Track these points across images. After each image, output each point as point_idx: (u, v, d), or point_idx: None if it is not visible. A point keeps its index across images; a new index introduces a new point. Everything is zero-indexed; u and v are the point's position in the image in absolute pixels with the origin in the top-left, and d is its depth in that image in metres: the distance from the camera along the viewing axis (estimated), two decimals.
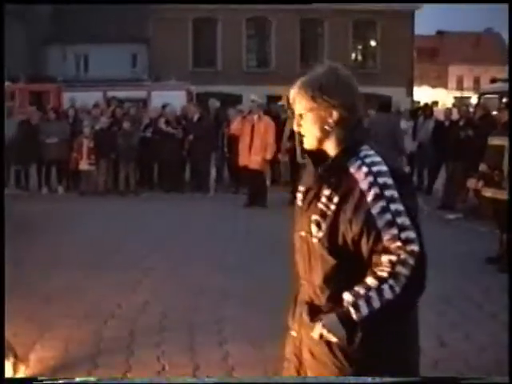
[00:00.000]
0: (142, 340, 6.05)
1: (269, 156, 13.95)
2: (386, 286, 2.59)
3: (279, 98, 26.61)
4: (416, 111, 18.76)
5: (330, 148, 2.84)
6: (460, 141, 12.87)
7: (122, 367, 5.40)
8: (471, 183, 9.67)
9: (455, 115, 15.04)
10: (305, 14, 38.73)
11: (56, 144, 15.62)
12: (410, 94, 39.23)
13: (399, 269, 2.59)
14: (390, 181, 2.67)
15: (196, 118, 16.54)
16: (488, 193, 9.16)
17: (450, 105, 25.65)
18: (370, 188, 2.66)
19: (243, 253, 9.74)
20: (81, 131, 15.70)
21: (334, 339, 2.69)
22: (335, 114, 2.80)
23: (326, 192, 2.78)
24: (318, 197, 2.83)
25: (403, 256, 2.59)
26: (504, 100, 11.75)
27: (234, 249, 10.00)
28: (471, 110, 14.51)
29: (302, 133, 2.89)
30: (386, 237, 2.62)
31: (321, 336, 2.71)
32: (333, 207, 2.74)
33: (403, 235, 2.61)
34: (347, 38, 40.12)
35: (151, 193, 15.93)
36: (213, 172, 16.25)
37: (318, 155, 2.89)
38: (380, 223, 2.63)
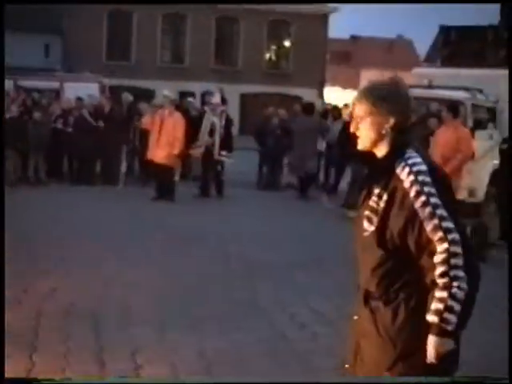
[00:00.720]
0: (48, 324, 6.22)
1: (176, 151, 14.08)
2: (454, 290, 2.93)
3: (192, 94, 26.87)
4: (326, 112, 19.28)
5: (382, 150, 3.22)
6: None
7: (28, 349, 5.57)
8: None
9: None
10: (220, 13, 39.00)
11: None
12: (321, 95, 40.00)
13: (454, 261, 2.94)
14: (427, 179, 3.03)
15: (107, 110, 16.63)
16: None
17: None
18: (411, 186, 3.04)
19: (149, 245, 9.93)
20: None
21: (448, 349, 3.00)
22: (392, 120, 3.18)
23: (376, 190, 3.17)
24: (369, 195, 3.22)
25: (452, 249, 2.95)
26: None
27: (141, 241, 10.17)
28: None
29: (358, 134, 3.25)
30: (428, 227, 2.99)
31: (438, 357, 3.01)
32: (382, 204, 3.13)
33: (444, 225, 2.97)
34: (262, 38, 40.58)
35: (61, 184, 15.88)
36: (123, 165, 16.32)
37: (368, 156, 3.28)
38: (422, 215, 3.00)
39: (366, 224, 3.19)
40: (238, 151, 15.76)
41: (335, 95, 40.67)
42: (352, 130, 3.27)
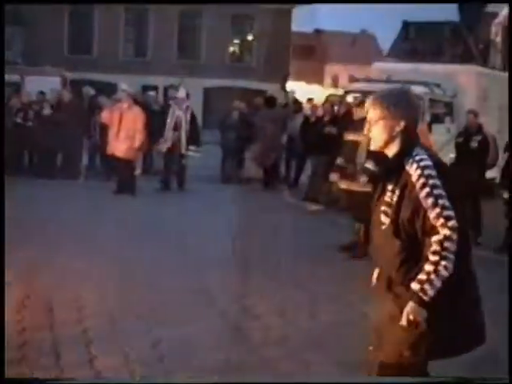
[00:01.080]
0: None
1: (136, 144, 14.05)
2: (440, 267, 3.37)
3: (155, 88, 26.81)
4: (286, 105, 19.42)
5: (392, 150, 3.63)
6: (323, 136, 13.42)
7: None
8: (333, 177, 10.17)
9: (321, 111, 15.63)
10: (184, 6, 38.80)
11: None
12: (285, 89, 40.08)
13: (447, 244, 3.36)
14: (433, 172, 3.44)
15: (68, 104, 16.58)
16: (343, 185, 9.73)
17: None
18: (418, 179, 3.46)
19: (107, 238, 9.92)
20: None
21: (419, 319, 3.44)
22: (402, 123, 3.60)
23: (390, 187, 3.60)
24: (384, 191, 3.63)
25: (448, 233, 3.36)
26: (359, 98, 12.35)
27: (99, 234, 10.17)
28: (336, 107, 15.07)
29: (371, 136, 3.67)
30: (431, 215, 3.40)
31: (409, 321, 3.45)
32: (395, 198, 3.54)
33: (445, 213, 3.38)
34: (225, 32, 40.47)
35: (21, 178, 15.74)
36: (84, 159, 16.29)
37: (379, 156, 3.72)
38: (426, 205, 3.41)
39: (383, 218, 3.58)
40: (201, 145, 15.83)
41: (300, 89, 40.77)
42: (365, 132, 3.65)
